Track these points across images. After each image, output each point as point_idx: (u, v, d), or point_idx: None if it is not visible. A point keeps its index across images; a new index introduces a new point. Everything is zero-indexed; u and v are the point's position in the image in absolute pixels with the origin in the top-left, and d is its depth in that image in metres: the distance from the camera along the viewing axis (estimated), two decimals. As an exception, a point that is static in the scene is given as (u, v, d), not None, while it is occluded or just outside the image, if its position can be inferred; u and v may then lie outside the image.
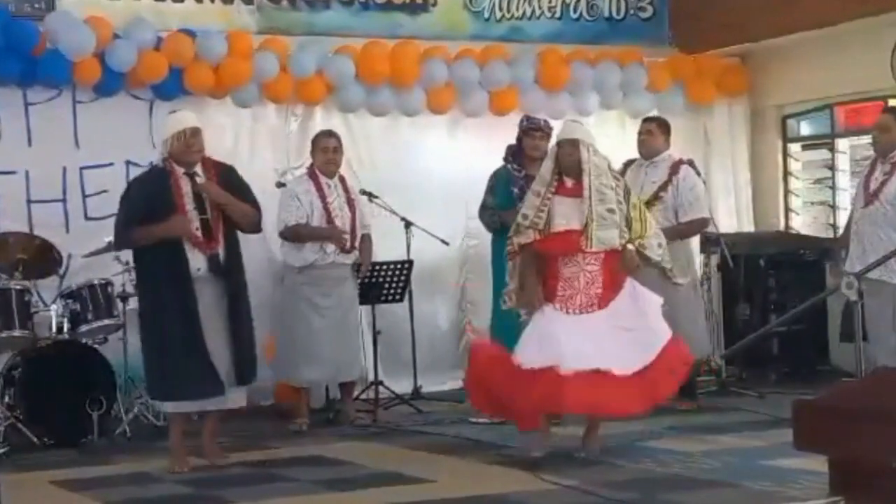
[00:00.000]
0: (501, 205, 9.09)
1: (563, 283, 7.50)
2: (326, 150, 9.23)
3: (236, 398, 7.78)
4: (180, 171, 7.61)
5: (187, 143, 7.60)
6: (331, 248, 9.09)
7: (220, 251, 7.63)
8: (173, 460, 7.64)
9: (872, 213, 8.41)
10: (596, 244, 7.44)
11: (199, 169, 7.66)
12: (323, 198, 9.13)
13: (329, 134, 9.39)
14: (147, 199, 7.60)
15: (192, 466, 7.62)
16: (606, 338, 7.40)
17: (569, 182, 7.57)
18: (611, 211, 7.48)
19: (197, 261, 7.56)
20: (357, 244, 9.23)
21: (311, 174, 9.25)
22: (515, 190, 9.11)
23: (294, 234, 9.14)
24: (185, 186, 7.61)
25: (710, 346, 9.88)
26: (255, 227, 7.93)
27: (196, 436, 7.93)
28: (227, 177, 7.79)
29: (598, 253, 7.47)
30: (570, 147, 7.58)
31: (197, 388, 7.54)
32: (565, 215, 7.52)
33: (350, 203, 9.24)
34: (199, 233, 7.57)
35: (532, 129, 9.13)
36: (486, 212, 9.26)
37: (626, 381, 7.35)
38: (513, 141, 9.30)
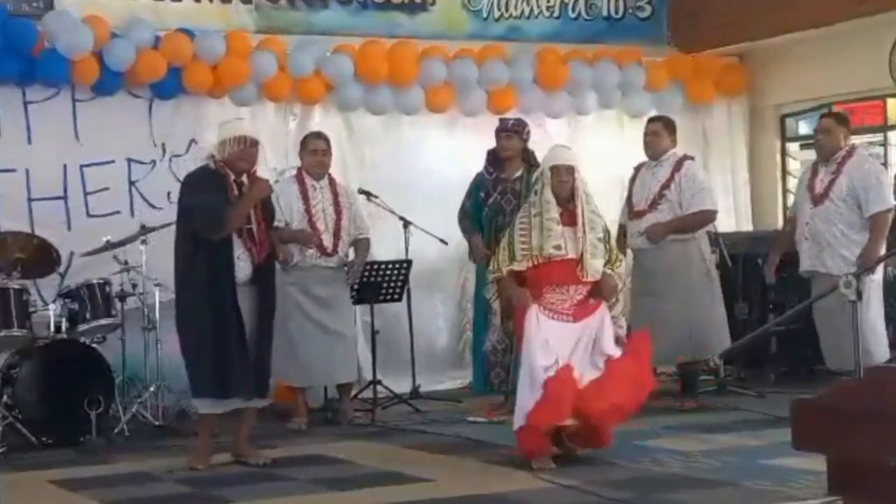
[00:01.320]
0: (473, 208, 9.39)
1: (547, 306, 7.39)
2: (315, 152, 9.21)
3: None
4: (231, 176, 7.59)
5: (246, 151, 7.61)
6: (310, 250, 9.08)
7: (262, 260, 7.67)
8: (195, 457, 7.62)
9: (824, 212, 8.74)
10: (591, 273, 7.40)
11: (244, 178, 7.66)
12: (306, 200, 9.11)
13: (318, 136, 9.37)
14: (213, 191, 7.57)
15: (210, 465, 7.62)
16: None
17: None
18: (600, 240, 7.47)
19: (244, 267, 7.57)
20: (341, 247, 9.18)
21: (298, 176, 9.24)
22: (482, 194, 9.31)
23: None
24: (236, 192, 7.60)
25: (726, 342, 9.80)
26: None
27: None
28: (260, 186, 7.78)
29: (588, 283, 7.44)
30: (566, 174, 7.46)
31: (242, 386, 7.57)
32: (575, 244, 7.41)
33: (337, 205, 9.22)
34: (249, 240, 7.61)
35: (500, 130, 9.32)
36: (464, 217, 9.51)
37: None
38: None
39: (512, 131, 9.32)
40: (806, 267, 8.89)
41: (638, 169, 9.63)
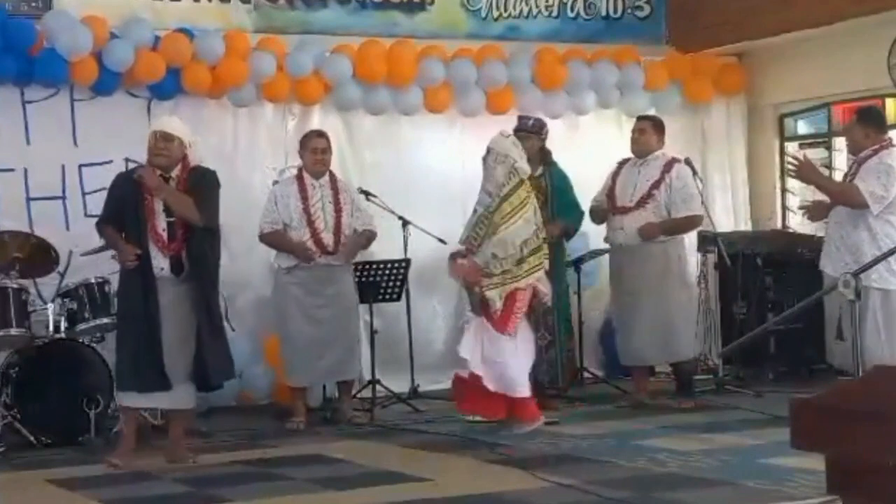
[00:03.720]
0: None
1: None
2: (316, 150, 9.20)
3: (185, 398, 7.83)
4: (157, 173, 7.70)
5: (155, 146, 7.74)
6: (313, 249, 9.07)
7: (184, 253, 7.71)
8: (116, 452, 7.72)
9: (836, 213, 8.61)
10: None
11: (175, 173, 7.75)
12: (305, 200, 9.09)
13: (318, 134, 9.37)
14: (122, 197, 7.78)
15: (131, 465, 7.65)
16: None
17: None
18: (474, 211, 8.34)
19: (160, 261, 7.66)
20: (342, 245, 9.16)
21: (298, 175, 9.22)
22: None
23: (267, 241, 9.19)
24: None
25: (693, 348, 9.86)
26: (198, 220, 7.72)
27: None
28: (195, 179, 7.83)
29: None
30: (484, 155, 8.42)
31: (142, 381, 7.63)
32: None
33: (337, 202, 9.21)
34: (164, 233, 7.69)
35: (519, 130, 9.29)
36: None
37: None
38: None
39: (532, 132, 9.35)
40: (822, 267, 8.78)
41: (621, 164, 9.65)
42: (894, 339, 8.33)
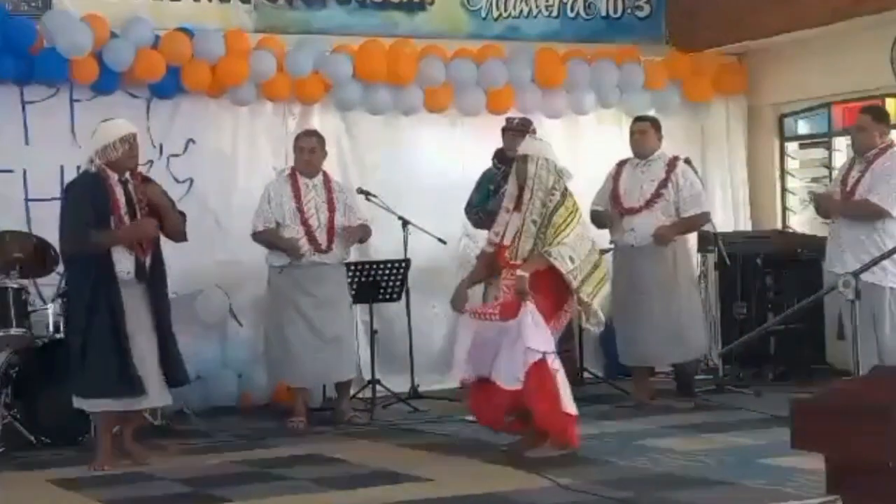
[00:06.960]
0: (481, 201, 9.47)
1: (476, 310, 7.80)
2: (303, 150, 9.20)
3: (162, 397, 7.95)
4: (115, 177, 7.73)
5: (133, 149, 7.78)
6: (305, 247, 9.07)
7: (147, 259, 7.79)
8: (102, 458, 7.72)
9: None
10: (519, 256, 7.61)
11: (128, 176, 7.79)
12: (298, 199, 9.10)
13: (308, 134, 9.38)
14: (94, 202, 7.73)
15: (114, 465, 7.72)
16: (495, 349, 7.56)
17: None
18: (534, 222, 7.64)
19: (126, 265, 7.72)
20: (336, 243, 9.15)
21: (291, 174, 9.24)
22: (491, 187, 9.39)
23: (259, 239, 9.20)
24: (119, 193, 7.74)
25: (707, 345, 9.91)
26: (182, 236, 8.00)
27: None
28: (157, 190, 7.91)
29: (516, 266, 7.60)
30: (521, 162, 7.77)
31: (116, 387, 7.67)
32: (513, 230, 7.75)
33: (330, 202, 9.20)
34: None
35: (506, 129, 9.40)
36: (470, 209, 9.68)
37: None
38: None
39: (517, 130, 9.37)
40: (830, 267, 8.75)
41: (621, 165, 9.66)
42: None
